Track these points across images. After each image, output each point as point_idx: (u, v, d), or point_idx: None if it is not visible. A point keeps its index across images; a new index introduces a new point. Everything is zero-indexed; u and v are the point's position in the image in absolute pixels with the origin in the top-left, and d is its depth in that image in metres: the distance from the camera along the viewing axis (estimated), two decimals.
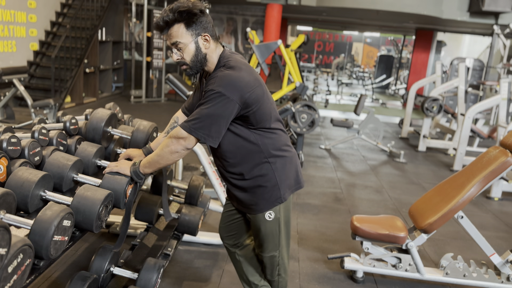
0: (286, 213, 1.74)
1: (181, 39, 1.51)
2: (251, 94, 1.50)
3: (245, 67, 1.56)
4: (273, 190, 1.65)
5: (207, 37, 1.54)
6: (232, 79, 1.48)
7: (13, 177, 1.42)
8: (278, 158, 1.64)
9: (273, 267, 1.82)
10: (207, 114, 1.47)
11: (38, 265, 1.29)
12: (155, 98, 8.82)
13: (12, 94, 4.92)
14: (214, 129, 1.48)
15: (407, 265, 2.50)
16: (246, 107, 1.50)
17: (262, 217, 1.69)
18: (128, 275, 1.85)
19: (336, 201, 3.97)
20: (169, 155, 1.54)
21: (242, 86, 1.48)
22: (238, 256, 1.92)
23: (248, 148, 1.60)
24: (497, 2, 7.33)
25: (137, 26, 9.63)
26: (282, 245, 1.78)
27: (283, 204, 1.70)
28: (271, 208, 1.68)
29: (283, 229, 1.75)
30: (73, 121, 1.99)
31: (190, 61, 1.54)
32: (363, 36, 20.89)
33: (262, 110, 1.56)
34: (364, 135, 6.12)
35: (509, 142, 2.40)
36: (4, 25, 6.25)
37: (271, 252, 1.77)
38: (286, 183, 1.68)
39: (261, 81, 1.59)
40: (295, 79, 5.45)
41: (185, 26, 1.50)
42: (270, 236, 1.73)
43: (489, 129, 6.57)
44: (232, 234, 1.91)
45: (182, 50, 1.53)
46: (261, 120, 1.57)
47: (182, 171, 3.88)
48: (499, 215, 3.94)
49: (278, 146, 1.65)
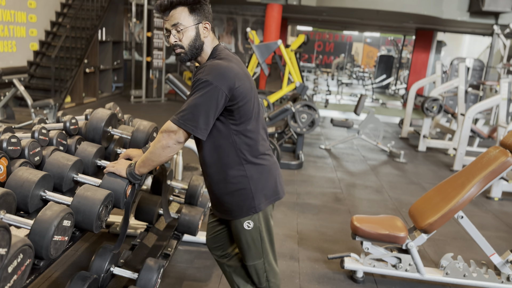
0: (266, 222, 1.69)
1: (183, 21, 1.49)
2: (240, 86, 1.48)
3: (235, 60, 1.55)
4: (246, 199, 1.60)
5: (207, 26, 1.54)
6: (221, 68, 1.46)
7: (13, 177, 1.42)
8: (255, 166, 1.60)
9: (259, 275, 1.77)
10: (195, 104, 1.43)
11: (38, 265, 1.29)
12: (155, 98, 8.82)
13: (12, 94, 4.92)
14: (202, 120, 1.45)
15: (407, 265, 2.50)
16: (233, 99, 1.48)
17: (241, 226, 1.65)
18: (128, 275, 1.85)
19: (336, 201, 3.97)
20: (161, 150, 1.50)
21: (231, 76, 1.46)
22: (226, 267, 1.90)
23: (226, 149, 1.56)
24: (497, 2, 7.33)
25: (137, 26, 9.63)
26: (266, 253, 1.73)
27: (262, 213, 1.65)
28: (246, 217, 1.63)
29: (266, 237, 1.70)
30: (73, 121, 1.99)
31: (188, 45, 1.52)
32: (363, 36, 20.90)
33: (247, 106, 1.53)
34: (364, 135, 6.12)
35: (509, 142, 2.40)
36: (4, 25, 6.25)
37: (255, 260, 1.73)
38: (262, 193, 1.62)
39: (251, 78, 1.59)
40: (295, 79, 5.45)
41: (188, 10, 1.49)
42: (252, 245, 1.68)
43: (489, 129, 6.57)
44: (218, 245, 1.88)
45: (181, 33, 1.51)
46: (245, 117, 1.53)
47: (182, 171, 3.88)
48: (499, 215, 3.94)
49: (256, 153, 1.60)
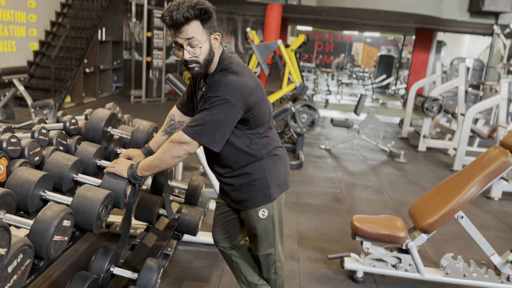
0: (279, 211, 1.75)
1: (198, 36, 1.46)
2: (254, 98, 1.52)
3: (246, 71, 1.56)
4: (262, 188, 1.67)
5: (217, 37, 1.53)
6: (237, 85, 1.48)
7: (13, 177, 1.42)
8: (270, 157, 1.67)
9: (269, 265, 1.83)
10: (212, 121, 1.46)
11: (38, 265, 1.29)
12: (155, 98, 8.82)
13: (12, 94, 4.92)
14: (219, 135, 1.49)
15: (407, 265, 2.50)
16: (248, 111, 1.53)
17: (256, 215, 1.70)
18: (128, 275, 1.85)
19: (336, 201, 3.97)
20: (170, 159, 1.54)
21: (246, 92, 1.49)
22: (234, 257, 1.92)
23: (242, 150, 1.62)
24: (497, 2, 7.33)
25: (137, 26, 9.63)
26: (277, 242, 1.79)
27: (276, 201, 1.71)
28: (261, 206, 1.69)
29: (277, 226, 1.77)
30: (73, 121, 1.99)
31: (204, 60, 1.50)
32: (363, 36, 20.89)
33: (261, 114, 1.59)
34: (364, 135, 6.12)
35: (509, 142, 2.40)
36: (4, 25, 6.25)
37: (267, 250, 1.78)
38: (276, 182, 1.69)
39: (261, 85, 1.62)
40: (295, 79, 5.45)
41: (201, 23, 1.46)
42: (264, 234, 1.74)
43: (489, 129, 6.56)
44: (226, 236, 1.90)
45: (196, 47, 1.47)
46: (259, 122, 1.60)
47: (182, 171, 3.88)
48: (499, 215, 3.94)
49: (270, 148, 1.67)
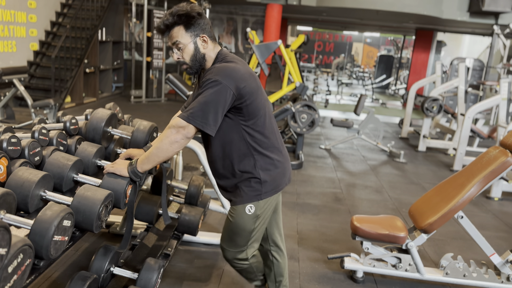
0: (267, 213, 1.75)
1: (181, 40, 1.60)
2: (246, 86, 1.57)
3: (240, 62, 1.66)
4: (255, 185, 1.68)
5: (205, 38, 1.64)
6: (229, 69, 1.57)
7: (13, 177, 1.42)
8: (264, 157, 1.68)
9: (230, 261, 1.83)
10: (205, 102, 1.52)
11: (38, 265, 1.29)
12: (155, 98, 8.82)
13: (12, 94, 4.92)
14: (212, 117, 1.53)
15: (407, 265, 2.50)
16: (240, 98, 1.57)
17: (242, 210, 1.70)
18: (128, 275, 1.85)
19: (336, 201, 3.97)
20: (168, 145, 1.55)
21: (237, 76, 1.56)
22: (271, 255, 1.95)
23: (237, 143, 1.65)
24: (497, 2, 7.33)
25: (137, 26, 9.63)
26: (251, 245, 1.78)
27: (267, 201, 1.71)
28: (251, 202, 1.69)
29: (259, 228, 1.75)
30: (73, 121, 1.99)
31: (190, 60, 1.64)
32: (363, 36, 20.90)
33: (255, 104, 1.62)
34: (364, 135, 6.12)
35: (509, 142, 2.40)
36: (4, 25, 6.25)
37: (233, 248, 1.78)
38: (270, 183, 1.70)
39: (256, 78, 1.68)
40: (295, 79, 5.45)
41: (184, 28, 1.60)
42: (241, 232, 1.74)
43: (489, 129, 6.56)
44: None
45: (182, 50, 1.62)
46: (253, 114, 1.63)
47: (182, 171, 3.88)
48: (499, 215, 3.94)
49: (265, 146, 1.69)
